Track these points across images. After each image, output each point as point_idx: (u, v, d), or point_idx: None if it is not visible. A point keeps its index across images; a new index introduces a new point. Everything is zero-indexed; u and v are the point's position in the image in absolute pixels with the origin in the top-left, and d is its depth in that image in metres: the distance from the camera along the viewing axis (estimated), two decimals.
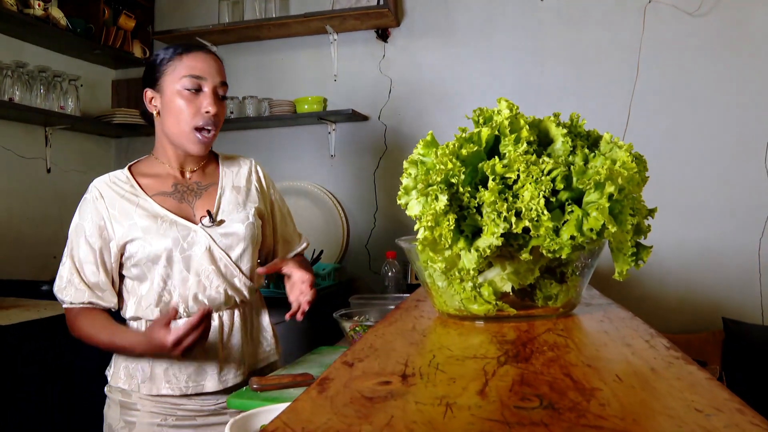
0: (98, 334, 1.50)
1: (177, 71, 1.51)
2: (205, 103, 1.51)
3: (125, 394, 1.55)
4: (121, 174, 1.58)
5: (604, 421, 0.43)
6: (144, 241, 1.49)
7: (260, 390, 1.44)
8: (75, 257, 1.52)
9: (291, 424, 0.43)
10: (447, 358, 0.61)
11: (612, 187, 0.68)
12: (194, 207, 1.59)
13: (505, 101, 0.81)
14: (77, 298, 1.50)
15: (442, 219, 0.70)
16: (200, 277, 1.54)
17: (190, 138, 1.53)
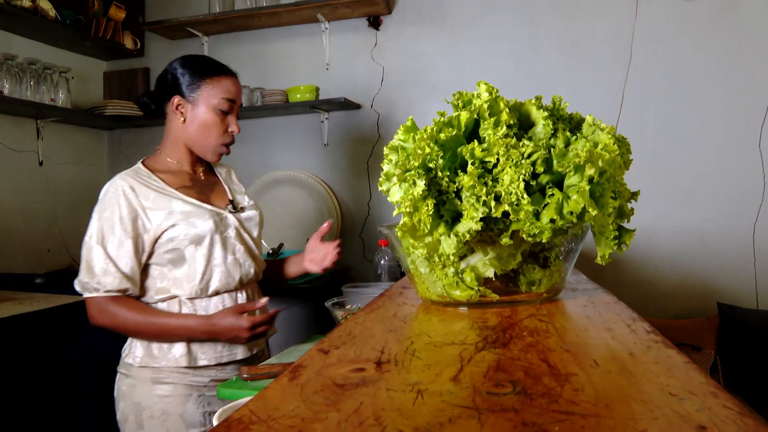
0: (148, 317, 1.60)
1: (215, 91, 1.69)
2: (232, 124, 1.72)
3: (156, 370, 1.63)
4: (142, 170, 1.70)
5: (576, 407, 0.42)
6: (187, 224, 1.63)
7: (250, 379, 1.43)
8: (108, 247, 1.58)
9: (257, 412, 0.42)
10: (425, 345, 0.60)
11: (592, 169, 0.67)
12: (211, 199, 1.77)
13: (485, 84, 0.79)
14: (114, 285, 1.57)
15: (421, 204, 0.69)
16: (236, 256, 1.73)
17: (215, 151, 1.74)
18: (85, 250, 1.60)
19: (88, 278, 1.57)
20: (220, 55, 3.57)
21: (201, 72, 1.70)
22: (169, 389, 1.63)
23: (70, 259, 3.40)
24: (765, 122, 2.92)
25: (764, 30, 2.90)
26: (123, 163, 3.74)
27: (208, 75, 1.70)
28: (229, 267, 1.71)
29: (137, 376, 1.64)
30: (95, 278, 1.57)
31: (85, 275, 1.58)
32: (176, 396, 1.63)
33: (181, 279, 1.65)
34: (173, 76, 1.73)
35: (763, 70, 2.90)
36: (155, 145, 3.76)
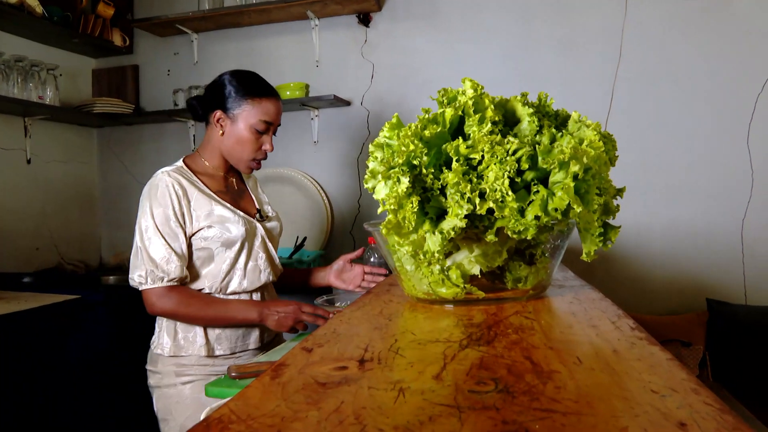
0: (210, 307, 1.75)
1: (255, 111, 1.81)
2: (267, 143, 1.84)
3: (179, 362, 1.79)
4: (185, 169, 1.84)
5: (557, 404, 0.42)
6: (222, 227, 1.77)
7: (239, 378, 1.43)
8: (167, 239, 1.71)
9: (237, 411, 0.42)
10: (409, 343, 0.60)
11: (577, 166, 0.67)
12: (241, 206, 1.90)
13: (470, 81, 0.79)
14: (177, 273, 1.71)
15: (405, 201, 0.69)
16: (257, 262, 1.87)
17: (246, 164, 1.86)
18: (143, 243, 1.71)
19: (152, 268, 1.69)
20: (209, 53, 3.56)
21: (244, 91, 1.82)
22: (191, 378, 1.78)
23: (59, 257, 3.38)
24: (753, 119, 2.93)
25: (753, 27, 2.91)
26: (113, 161, 3.72)
27: (251, 95, 1.81)
28: (249, 272, 1.85)
29: (163, 370, 1.80)
30: (159, 268, 1.69)
31: (148, 266, 1.69)
32: (197, 382, 1.78)
33: (205, 276, 1.80)
34: (220, 90, 1.85)
35: (752, 67, 2.91)
36: (145, 142, 3.74)
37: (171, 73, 3.63)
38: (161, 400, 1.81)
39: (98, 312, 2.64)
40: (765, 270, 2.93)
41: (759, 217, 2.92)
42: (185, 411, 1.78)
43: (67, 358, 2.51)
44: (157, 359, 1.83)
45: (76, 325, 2.55)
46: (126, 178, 3.70)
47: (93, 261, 3.64)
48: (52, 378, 2.44)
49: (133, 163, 3.68)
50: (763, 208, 2.91)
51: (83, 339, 2.59)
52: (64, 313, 2.46)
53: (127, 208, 3.71)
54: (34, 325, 2.34)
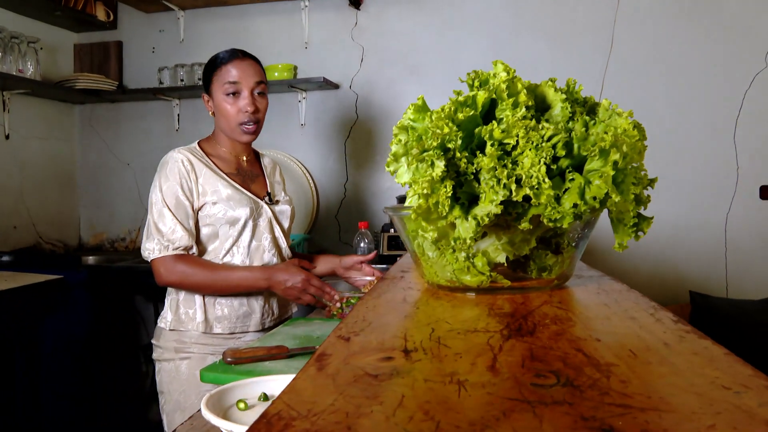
0: (217, 272, 1.81)
1: (220, 79, 1.88)
2: (243, 104, 1.87)
3: (179, 338, 1.85)
4: (197, 149, 1.92)
5: (630, 399, 0.40)
6: (227, 205, 1.85)
7: (234, 363, 1.40)
8: (175, 211, 1.79)
9: (294, 406, 0.39)
10: (447, 332, 0.58)
11: (617, 154, 0.66)
12: (251, 188, 1.96)
13: (502, 64, 0.77)
14: (183, 242, 1.78)
15: (439, 186, 0.67)
16: (261, 242, 1.93)
17: (237, 131, 1.91)
18: (153, 216, 1.80)
19: (158, 238, 1.77)
20: (195, 31, 3.49)
21: (210, 67, 1.92)
22: (190, 354, 1.84)
23: (37, 236, 3.30)
24: (740, 114, 2.96)
25: (743, 24, 2.92)
26: (94, 139, 3.63)
27: (214, 67, 1.90)
28: (252, 251, 1.91)
29: (164, 345, 1.87)
30: (165, 237, 1.77)
31: (155, 236, 1.78)
32: (194, 359, 1.83)
33: (209, 252, 1.88)
34: (202, 77, 1.98)
35: (741, 63, 2.94)
36: (128, 121, 3.68)
37: (156, 50, 3.55)
38: (160, 373, 1.88)
39: (79, 292, 2.59)
40: (746, 265, 2.97)
41: (743, 213, 2.95)
42: (179, 387, 1.83)
43: (47, 339, 2.45)
44: (160, 333, 1.90)
45: (57, 306, 2.50)
46: (107, 156, 3.62)
47: (72, 241, 3.57)
48: (31, 359, 2.38)
49: (114, 142, 3.61)
50: (748, 203, 2.95)
51: (64, 319, 2.53)
52: (46, 293, 2.40)
53: (107, 188, 3.63)
54: (15, 305, 2.28)
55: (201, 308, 1.85)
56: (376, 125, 3.28)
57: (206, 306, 1.86)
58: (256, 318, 1.92)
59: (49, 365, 2.47)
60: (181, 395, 1.82)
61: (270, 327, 1.96)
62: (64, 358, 2.54)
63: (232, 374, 1.34)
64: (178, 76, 3.34)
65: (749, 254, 2.96)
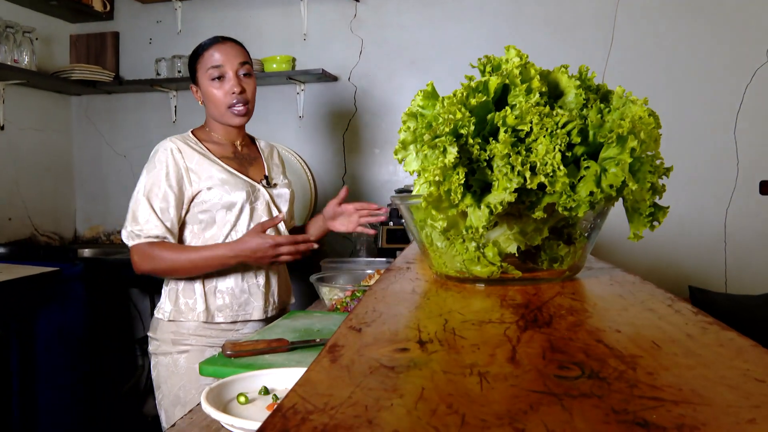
0: (183, 254, 1.78)
1: (204, 65, 1.87)
2: (228, 86, 1.85)
3: (177, 330, 1.83)
4: (190, 137, 1.91)
5: (662, 392, 0.38)
6: (222, 190, 1.82)
7: (234, 356, 1.38)
8: (153, 201, 1.77)
9: (310, 399, 0.37)
10: (462, 323, 0.56)
11: (635, 141, 0.64)
12: (249, 171, 1.95)
13: (514, 49, 0.75)
14: (154, 231, 1.76)
15: (451, 173, 0.65)
16: None
17: (227, 115, 1.88)
18: (133, 203, 1.79)
19: (131, 227, 1.77)
20: (193, 22, 3.45)
21: (194, 57, 1.91)
22: (187, 347, 1.82)
23: (33, 228, 3.27)
24: (741, 109, 2.94)
25: (745, 16, 2.91)
26: (90, 131, 3.60)
27: (197, 56, 1.90)
28: None
29: (161, 338, 1.84)
30: (138, 226, 1.76)
31: (130, 224, 1.77)
32: (193, 352, 1.81)
33: (208, 240, 1.85)
34: (189, 68, 1.95)
35: (742, 58, 2.92)
36: (125, 112, 3.64)
37: (153, 41, 3.52)
38: (157, 367, 1.85)
39: (75, 285, 2.56)
40: (745, 260, 2.96)
41: (742, 207, 2.94)
42: (179, 381, 1.80)
43: (43, 332, 2.43)
44: (157, 325, 1.87)
45: (53, 298, 2.47)
46: (103, 148, 3.59)
47: (67, 233, 3.54)
48: (26, 351, 2.36)
49: (111, 133, 3.57)
50: (747, 198, 2.93)
51: (60, 312, 2.51)
52: (41, 285, 2.37)
53: (103, 180, 3.60)
54: (10, 297, 2.25)
55: (202, 297, 1.83)
56: (375, 118, 3.26)
57: (207, 295, 1.84)
58: (258, 306, 1.89)
59: (45, 358, 2.44)
60: (180, 390, 1.80)
61: (271, 317, 1.93)
62: (59, 351, 2.52)
63: (231, 367, 1.32)
64: (176, 67, 3.30)
65: (749, 249, 2.95)
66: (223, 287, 1.86)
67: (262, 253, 1.75)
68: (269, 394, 1.08)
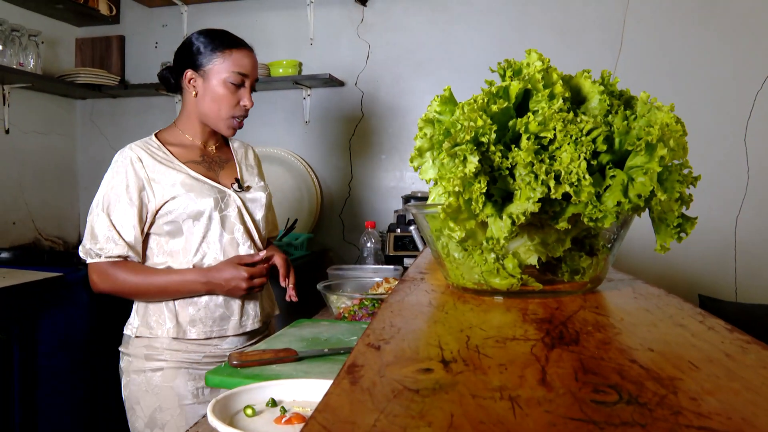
0: (148, 277, 1.67)
1: (226, 64, 1.72)
2: (244, 97, 1.76)
3: (150, 344, 1.71)
4: (152, 141, 1.77)
5: (709, 421, 0.36)
6: (187, 198, 1.68)
7: (240, 366, 1.36)
8: (112, 215, 1.65)
9: (332, 428, 0.35)
10: (484, 340, 0.54)
11: (664, 149, 0.61)
12: (219, 176, 1.81)
13: (536, 52, 0.72)
14: (115, 251, 1.64)
15: (473, 182, 0.62)
16: (233, 235, 1.77)
17: (227, 123, 1.77)
18: (91, 217, 1.67)
19: (90, 245, 1.64)
20: (199, 25, 3.43)
21: (213, 45, 1.73)
22: (162, 364, 1.70)
23: (37, 233, 3.25)
24: (751, 116, 2.91)
25: (754, 22, 2.88)
26: (95, 135, 3.59)
27: (221, 47, 1.73)
28: (225, 245, 1.75)
29: (133, 353, 1.72)
30: (98, 245, 1.63)
31: (88, 241, 1.65)
32: (168, 370, 1.69)
33: (177, 252, 1.72)
34: (187, 49, 1.77)
35: (752, 64, 2.89)
36: (130, 116, 3.62)
37: (159, 45, 3.50)
38: (129, 386, 1.73)
39: (78, 290, 2.54)
40: (756, 268, 2.93)
41: (753, 215, 2.91)
42: (154, 401, 1.69)
43: (46, 337, 2.41)
44: (128, 341, 1.75)
45: (56, 304, 2.45)
46: (108, 152, 3.55)
47: (71, 238, 3.52)
48: (30, 357, 2.34)
49: (116, 138, 3.56)
50: (758, 206, 2.90)
51: (63, 317, 2.49)
52: (45, 290, 2.35)
53: None
54: (13, 302, 2.23)
55: (172, 312, 1.71)
56: (382, 123, 3.24)
57: (177, 309, 1.72)
58: (234, 321, 1.77)
59: (47, 363, 2.42)
60: (157, 411, 1.68)
61: (252, 331, 1.82)
62: (62, 356, 2.50)
63: (238, 378, 1.29)
64: None
65: (759, 258, 2.91)
66: (196, 300, 1.73)
67: (235, 284, 1.66)
68: (277, 406, 1.06)
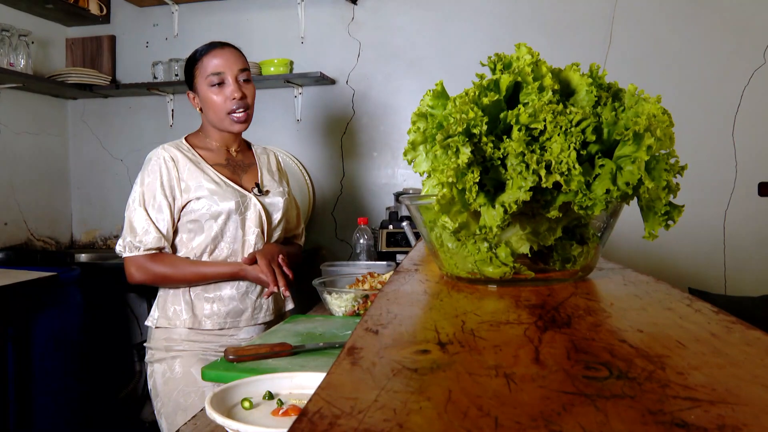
0: (186, 267, 1.81)
1: (202, 72, 1.86)
2: (229, 91, 1.85)
3: (169, 335, 1.83)
4: (183, 143, 1.91)
5: (695, 392, 0.37)
6: (210, 200, 1.82)
7: (236, 361, 1.37)
8: (149, 209, 1.79)
9: (336, 403, 0.36)
10: (479, 324, 0.55)
11: (651, 139, 0.63)
12: (242, 179, 1.94)
13: (525, 46, 0.74)
14: (154, 243, 1.78)
15: (466, 172, 0.64)
16: (247, 237, 1.88)
17: (227, 121, 1.87)
18: (129, 213, 1.80)
19: (130, 237, 1.78)
20: (190, 25, 3.44)
21: (190, 63, 1.90)
22: (181, 352, 1.82)
23: (29, 233, 3.25)
24: (739, 111, 2.94)
25: (742, 18, 2.91)
26: (86, 135, 3.58)
27: (194, 63, 1.88)
28: (237, 245, 1.88)
29: (155, 345, 1.84)
30: (137, 237, 1.77)
31: (128, 234, 1.78)
32: (186, 357, 1.81)
33: (196, 248, 1.85)
34: (185, 76, 1.95)
35: (739, 60, 2.92)
36: (121, 116, 3.62)
37: (150, 45, 3.50)
38: (153, 376, 1.84)
39: (72, 290, 2.54)
40: (745, 261, 2.96)
41: (741, 209, 2.94)
42: (176, 386, 1.79)
43: (39, 337, 2.41)
44: (151, 333, 1.88)
45: (50, 303, 2.45)
46: (100, 152, 3.57)
47: (64, 238, 3.52)
48: (24, 357, 2.34)
49: (107, 137, 3.56)
50: (746, 200, 2.93)
51: (57, 317, 2.49)
52: (38, 290, 2.35)
53: (100, 184, 3.58)
54: (6, 302, 2.23)
55: (188, 304, 1.84)
56: (373, 121, 3.25)
57: (193, 302, 1.85)
58: (247, 314, 1.91)
59: (42, 363, 2.42)
60: (180, 395, 1.78)
61: (265, 323, 1.94)
62: (56, 356, 2.50)
63: (234, 372, 1.30)
64: (173, 70, 3.29)
65: (748, 251, 2.95)
66: (212, 294, 1.87)
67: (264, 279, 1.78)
68: (273, 398, 1.07)
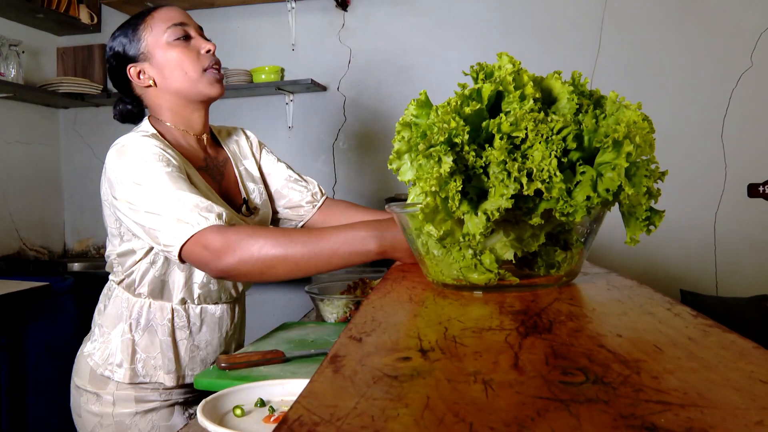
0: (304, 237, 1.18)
1: (157, 28, 1.41)
2: (201, 44, 1.43)
3: (139, 388, 1.49)
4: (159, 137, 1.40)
5: (667, 396, 0.38)
6: None
7: (228, 368, 1.37)
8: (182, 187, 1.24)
9: (315, 410, 0.37)
10: (461, 331, 0.56)
11: (630, 146, 0.64)
12: (224, 187, 1.52)
13: (507, 56, 0.75)
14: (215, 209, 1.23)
15: (448, 181, 0.65)
16: None
17: (204, 81, 1.42)
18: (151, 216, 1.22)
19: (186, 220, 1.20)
20: None
21: (131, 28, 1.44)
22: (155, 404, 1.51)
23: (21, 243, 3.24)
24: (728, 113, 2.97)
25: (729, 21, 2.94)
26: (78, 144, 3.58)
27: (139, 24, 1.43)
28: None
29: (121, 395, 1.47)
30: (199, 214, 1.20)
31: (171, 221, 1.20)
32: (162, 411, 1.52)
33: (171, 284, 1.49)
34: (114, 58, 1.47)
35: (727, 62, 2.95)
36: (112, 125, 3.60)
37: None
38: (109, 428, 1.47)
39: (65, 299, 2.54)
40: (735, 263, 2.98)
41: (731, 211, 2.96)
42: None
43: (33, 347, 2.41)
44: (106, 382, 1.48)
45: (43, 313, 2.45)
46: (92, 161, 3.57)
47: (56, 247, 3.51)
48: (17, 367, 2.34)
49: (99, 146, 3.56)
50: (736, 201, 2.96)
51: (50, 327, 2.49)
52: (31, 300, 2.35)
53: (92, 193, 3.57)
54: (2, 312, 2.23)
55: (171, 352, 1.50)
56: (365, 127, 3.26)
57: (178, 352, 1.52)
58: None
59: (35, 373, 2.42)
60: None
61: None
62: (49, 366, 2.49)
63: (226, 380, 1.31)
64: None
65: (738, 252, 2.97)
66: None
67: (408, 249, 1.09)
68: (265, 406, 1.08)
